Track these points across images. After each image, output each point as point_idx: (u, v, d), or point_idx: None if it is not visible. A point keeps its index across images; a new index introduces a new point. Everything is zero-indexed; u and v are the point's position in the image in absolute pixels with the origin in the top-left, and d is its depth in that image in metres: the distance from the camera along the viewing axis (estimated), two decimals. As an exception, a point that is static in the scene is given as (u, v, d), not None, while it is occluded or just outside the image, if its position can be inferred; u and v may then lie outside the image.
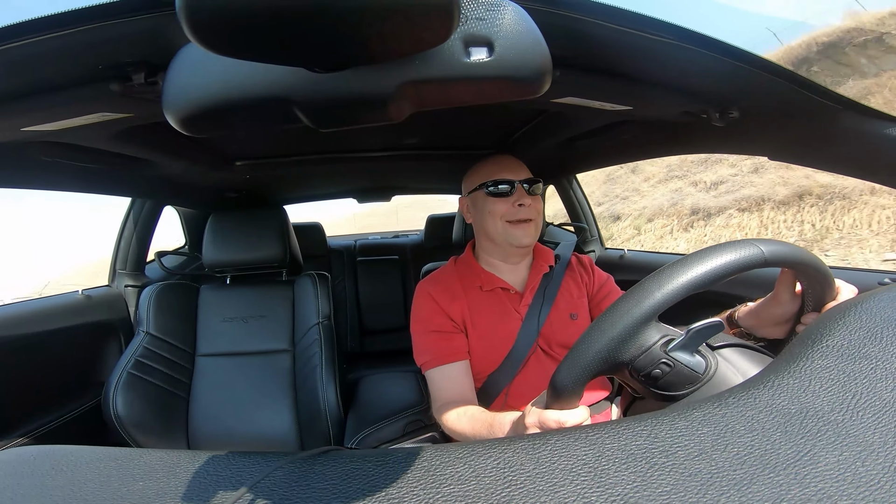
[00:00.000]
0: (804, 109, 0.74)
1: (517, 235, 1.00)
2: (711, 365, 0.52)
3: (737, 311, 0.75)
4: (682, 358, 0.51)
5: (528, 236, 1.00)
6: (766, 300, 0.70)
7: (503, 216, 1.01)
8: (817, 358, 0.43)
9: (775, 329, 0.68)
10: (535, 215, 1.01)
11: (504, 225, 1.01)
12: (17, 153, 0.88)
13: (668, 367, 0.51)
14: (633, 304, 0.50)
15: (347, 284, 2.55)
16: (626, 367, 0.52)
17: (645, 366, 0.51)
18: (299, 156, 1.48)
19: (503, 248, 1.05)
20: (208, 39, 0.26)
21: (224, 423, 1.40)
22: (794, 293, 0.65)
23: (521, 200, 0.99)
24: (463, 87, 0.35)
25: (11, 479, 0.39)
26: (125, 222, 1.76)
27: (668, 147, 1.19)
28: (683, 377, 0.51)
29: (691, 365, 0.51)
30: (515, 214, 1.00)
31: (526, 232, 1.00)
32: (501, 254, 1.06)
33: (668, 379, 0.51)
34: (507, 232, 1.01)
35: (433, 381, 0.98)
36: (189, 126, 0.36)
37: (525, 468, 0.36)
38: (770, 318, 0.68)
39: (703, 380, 0.51)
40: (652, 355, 0.51)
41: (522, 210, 0.99)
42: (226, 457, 0.41)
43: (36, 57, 0.54)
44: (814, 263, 0.56)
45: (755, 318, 0.71)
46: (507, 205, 1.00)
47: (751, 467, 0.33)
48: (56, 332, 1.37)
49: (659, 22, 0.59)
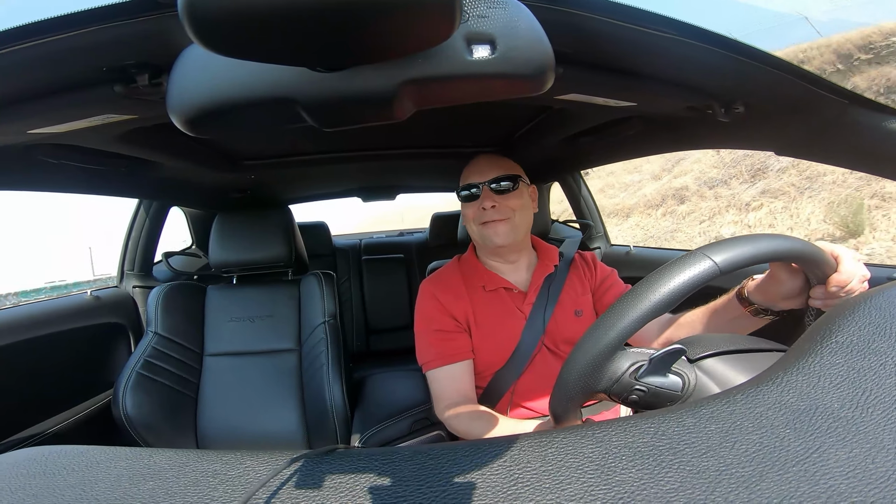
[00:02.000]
0: (810, 104, 0.74)
1: (489, 236, 1.00)
2: (689, 381, 0.51)
3: (745, 286, 0.74)
4: (655, 382, 0.51)
5: (500, 236, 0.99)
6: (766, 278, 0.69)
7: (474, 219, 1.02)
8: (826, 354, 0.42)
9: (789, 302, 0.67)
10: (507, 214, 0.99)
11: (478, 227, 1.02)
12: (24, 156, 0.89)
13: (643, 392, 0.51)
14: (592, 342, 0.51)
15: (353, 283, 2.55)
16: (604, 393, 0.52)
17: (620, 392, 0.52)
18: (303, 155, 1.48)
19: (487, 249, 1.05)
20: (211, 40, 0.26)
21: (232, 423, 1.41)
22: (791, 269, 0.64)
23: (484, 203, 0.99)
24: (466, 84, 0.35)
25: (24, 479, 0.39)
26: (132, 224, 1.78)
27: (672, 143, 1.18)
28: (662, 397, 0.51)
29: (666, 386, 0.51)
30: (482, 217, 1.00)
31: (496, 232, 0.99)
32: (490, 254, 1.06)
33: (646, 400, 0.52)
34: (482, 234, 1.01)
35: (436, 380, 0.98)
36: (193, 127, 0.36)
37: (531, 466, 0.36)
38: (777, 294, 0.67)
39: (683, 397, 0.51)
40: (623, 383, 0.51)
41: (489, 212, 0.99)
42: (234, 456, 0.41)
43: (40, 59, 0.55)
44: (785, 250, 0.55)
45: (764, 295, 0.70)
46: (475, 208, 1.01)
47: (759, 464, 0.33)
48: (66, 333, 1.39)
49: (661, 17, 0.58)
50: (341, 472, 0.38)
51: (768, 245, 0.54)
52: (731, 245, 0.52)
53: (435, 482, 0.35)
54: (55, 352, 1.35)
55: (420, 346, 1.02)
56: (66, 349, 1.39)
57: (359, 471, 0.37)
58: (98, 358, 1.54)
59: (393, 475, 0.37)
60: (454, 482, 0.35)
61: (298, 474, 0.38)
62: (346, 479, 0.37)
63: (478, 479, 0.35)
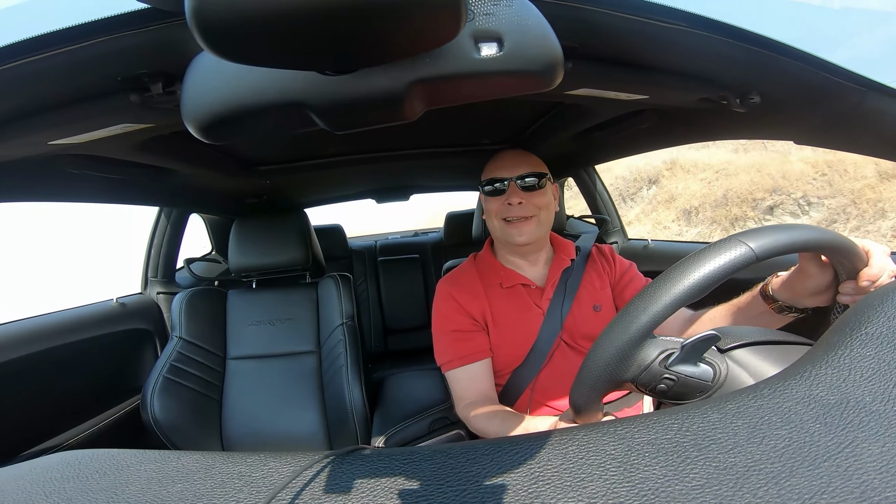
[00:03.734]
0: (828, 92, 0.72)
1: (512, 234, 0.99)
2: (720, 371, 0.50)
3: (769, 283, 0.72)
4: (685, 370, 0.50)
5: (523, 234, 0.98)
6: (794, 273, 0.67)
7: (498, 214, 1.01)
8: (857, 346, 0.41)
9: (815, 299, 0.65)
10: (533, 212, 0.98)
11: (501, 223, 1.01)
12: (46, 167, 0.92)
13: (672, 381, 0.50)
14: (622, 328, 0.50)
15: (369, 285, 2.57)
16: (631, 382, 0.51)
17: (649, 381, 0.50)
18: (317, 159, 1.50)
19: (507, 246, 1.04)
20: (219, 47, 0.26)
21: (255, 425, 1.43)
22: (821, 263, 0.62)
23: (511, 199, 0.98)
24: (474, 83, 0.35)
25: (58, 482, 0.40)
26: (154, 231, 1.82)
27: (687, 135, 1.16)
28: (692, 387, 0.50)
29: (697, 375, 0.50)
30: (507, 212, 0.99)
31: (520, 230, 0.98)
32: (509, 250, 1.06)
33: (675, 391, 0.50)
34: (504, 230, 1.00)
35: (455, 380, 0.98)
36: (207, 134, 0.36)
37: (552, 464, 0.36)
38: (804, 290, 0.65)
39: (714, 387, 0.50)
40: (653, 372, 0.50)
41: (514, 208, 0.98)
42: (258, 458, 0.42)
43: (55, 70, 0.56)
44: (821, 241, 0.53)
45: (790, 291, 0.68)
46: (501, 203, 1.00)
47: (788, 460, 0.32)
48: (94, 340, 1.43)
49: (669, 9, 0.57)
50: (362, 472, 0.38)
51: (804, 234, 0.52)
52: (767, 232, 0.51)
53: (455, 481, 0.35)
54: (84, 358, 1.39)
55: (438, 346, 1.02)
56: (94, 355, 1.43)
57: (380, 471, 0.38)
58: (125, 363, 1.58)
59: (413, 475, 0.37)
60: (475, 481, 0.35)
61: (320, 475, 0.38)
62: (367, 479, 0.37)
63: (498, 478, 0.35)
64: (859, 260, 0.57)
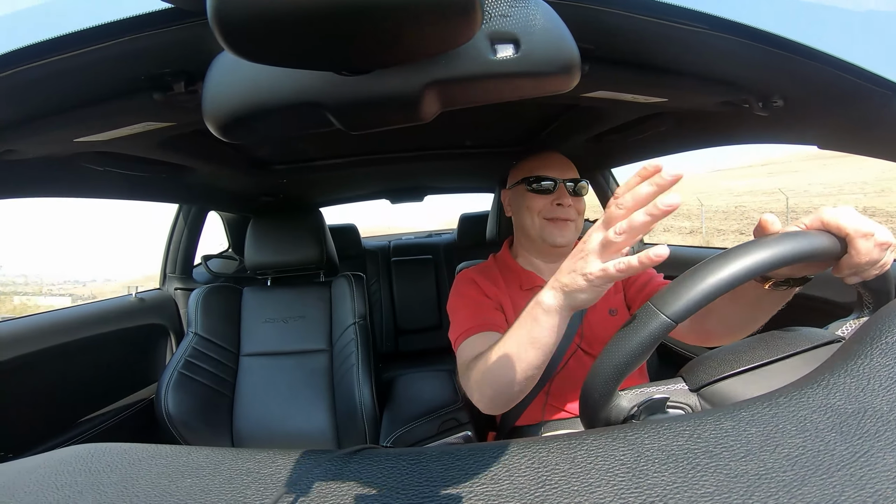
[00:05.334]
0: (853, 96, 0.70)
1: (553, 234, 0.98)
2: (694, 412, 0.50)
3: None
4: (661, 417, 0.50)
5: (564, 237, 0.98)
6: None
7: (541, 212, 1.00)
8: (876, 356, 0.40)
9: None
10: (574, 216, 0.99)
11: (541, 221, 1.00)
12: (71, 164, 0.94)
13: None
14: (584, 397, 0.51)
15: (382, 285, 2.58)
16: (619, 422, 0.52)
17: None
18: (332, 159, 1.51)
19: (538, 246, 1.03)
20: (239, 46, 0.27)
21: (265, 421, 1.45)
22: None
23: (560, 199, 0.98)
24: (490, 84, 0.35)
25: (69, 475, 0.41)
26: (173, 228, 1.86)
27: (707, 138, 1.15)
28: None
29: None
30: (553, 212, 0.98)
31: (562, 232, 0.98)
32: (537, 251, 1.05)
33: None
34: (544, 229, 1.00)
35: (465, 349, 0.88)
36: (226, 132, 0.37)
37: (560, 468, 0.35)
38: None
39: None
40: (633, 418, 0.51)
41: (561, 209, 0.98)
42: (266, 455, 0.42)
43: (81, 68, 0.58)
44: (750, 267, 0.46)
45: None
46: (546, 201, 0.99)
47: (802, 468, 0.32)
48: (112, 334, 1.46)
49: (689, 11, 0.57)
50: (370, 471, 0.38)
51: (719, 275, 0.45)
52: (675, 290, 0.47)
53: (462, 483, 0.35)
54: (101, 352, 1.42)
55: (457, 318, 0.95)
56: (111, 350, 1.46)
57: (387, 470, 0.38)
58: (141, 358, 1.61)
59: (420, 475, 0.37)
60: (482, 483, 0.35)
61: (328, 473, 0.38)
62: (374, 479, 0.37)
63: (505, 481, 0.35)
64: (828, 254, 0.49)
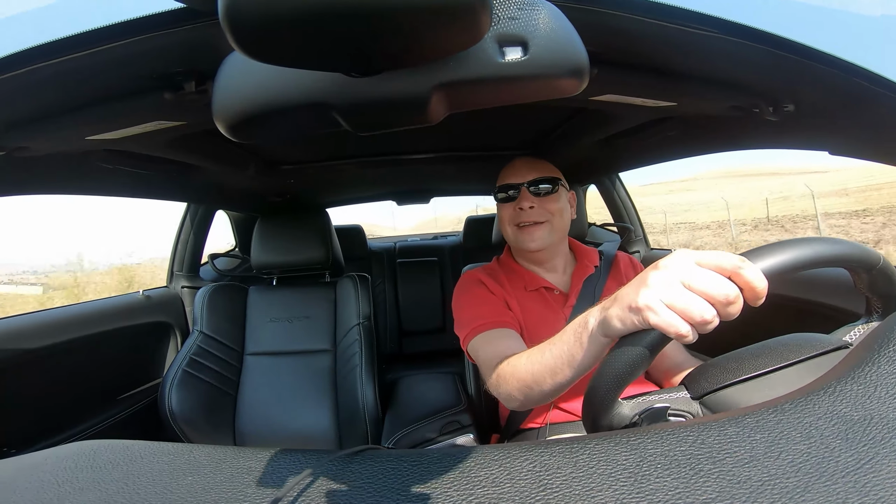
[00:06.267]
0: (865, 101, 0.69)
1: (524, 240, 0.98)
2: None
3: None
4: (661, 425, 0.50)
5: (535, 241, 0.97)
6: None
7: (510, 220, 1.00)
8: (884, 363, 0.40)
9: None
10: (544, 217, 0.97)
11: (513, 229, 1.00)
12: (82, 162, 0.96)
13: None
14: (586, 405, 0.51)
15: (387, 286, 2.59)
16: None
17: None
18: (340, 160, 1.52)
19: (521, 252, 1.03)
20: (250, 47, 0.27)
21: (268, 421, 1.45)
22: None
23: (522, 203, 0.97)
24: (498, 87, 0.35)
25: (72, 472, 0.42)
26: (181, 226, 1.88)
27: (716, 143, 1.14)
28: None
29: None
30: (519, 217, 0.98)
31: (532, 236, 0.97)
32: (524, 258, 1.05)
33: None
34: (517, 236, 1.00)
35: (483, 346, 0.86)
36: (235, 132, 0.37)
37: (562, 472, 0.35)
38: None
39: None
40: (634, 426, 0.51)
41: (526, 213, 0.97)
42: (268, 454, 0.42)
43: (94, 67, 0.59)
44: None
45: None
46: (512, 209, 0.99)
47: (806, 475, 0.31)
48: (119, 331, 1.48)
49: (699, 14, 0.56)
50: (371, 472, 0.38)
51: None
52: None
53: (463, 485, 0.35)
54: (107, 349, 1.43)
55: (464, 315, 0.94)
56: (117, 346, 1.47)
57: (388, 471, 0.38)
58: (146, 355, 1.62)
59: (422, 477, 0.37)
60: (483, 485, 0.35)
61: (329, 473, 0.39)
62: (375, 479, 0.37)
63: (507, 484, 0.35)
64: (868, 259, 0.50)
